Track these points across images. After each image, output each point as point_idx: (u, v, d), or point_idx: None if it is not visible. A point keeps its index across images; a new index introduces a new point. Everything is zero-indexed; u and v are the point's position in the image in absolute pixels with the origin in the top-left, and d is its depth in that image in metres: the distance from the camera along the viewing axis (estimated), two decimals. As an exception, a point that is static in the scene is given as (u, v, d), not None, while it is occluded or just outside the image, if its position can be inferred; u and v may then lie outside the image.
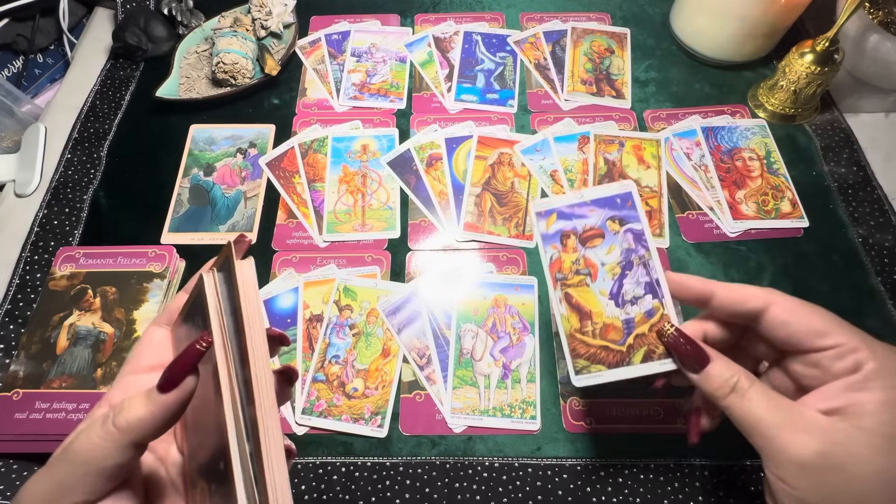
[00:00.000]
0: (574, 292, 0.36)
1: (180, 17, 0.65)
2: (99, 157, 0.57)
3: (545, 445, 0.42)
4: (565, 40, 0.64)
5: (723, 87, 0.61)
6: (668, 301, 0.34)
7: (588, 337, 0.35)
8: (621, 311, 0.35)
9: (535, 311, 0.47)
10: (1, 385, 0.43)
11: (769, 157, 0.55)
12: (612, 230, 0.36)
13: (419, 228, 0.52)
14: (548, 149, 0.56)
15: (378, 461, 0.42)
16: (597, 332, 0.35)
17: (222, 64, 0.58)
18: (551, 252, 0.36)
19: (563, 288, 0.36)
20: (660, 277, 0.35)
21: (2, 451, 0.41)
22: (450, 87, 0.61)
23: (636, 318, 0.34)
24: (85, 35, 0.69)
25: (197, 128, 0.59)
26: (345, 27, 0.66)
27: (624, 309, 0.35)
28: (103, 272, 0.47)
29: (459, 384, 0.44)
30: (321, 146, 0.57)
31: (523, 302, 0.48)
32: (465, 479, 0.41)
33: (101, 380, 0.43)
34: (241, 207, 0.53)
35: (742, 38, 0.58)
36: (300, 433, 0.43)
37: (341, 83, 0.62)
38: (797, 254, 0.50)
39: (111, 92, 0.62)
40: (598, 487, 0.40)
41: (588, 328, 0.35)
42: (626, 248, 0.36)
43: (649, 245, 0.35)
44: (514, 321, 0.47)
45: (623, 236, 0.36)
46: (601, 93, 0.60)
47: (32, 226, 0.52)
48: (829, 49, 0.52)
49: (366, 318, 0.47)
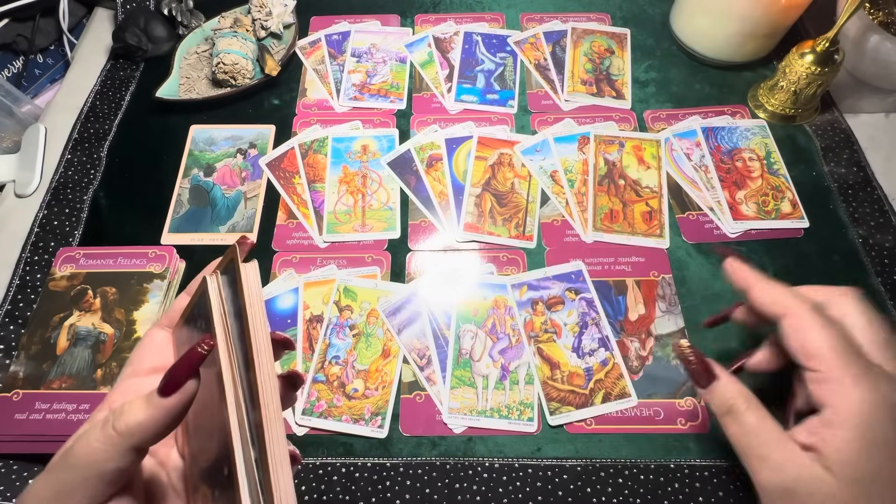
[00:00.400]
0: (545, 347, 0.45)
1: (180, 18, 0.65)
2: (99, 158, 0.57)
3: (545, 446, 0.42)
4: (565, 41, 0.64)
5: (723, 88, 0.61)
6: (618, 353, 0.45)
7: (558, 383, 0.44)
8: (582, 362, 0.45)
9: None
10: (1, 386, 0.43)
11: (769, 158, 0.55)
12: (570, 298, 0.47)
13: (419, 229, 0.52)
14: (548, 149, 0.56)
15: (378, 462, 0.42)
16: (564, 379, 0.44)
17: (222, 64, 0.58)
18: (525, 315, 0.47)
19: (535, 343, 0.46)
20: (609, 335, 0.45)
21: (2, 452, 0.41)
22: (450, 88, 0.61)
23: (594, 367, 0.44)
24: (85, 35, 0.69)
25: (197, 128, 0.59)
26: (345, 27, 0.66)
27: (584, 360, 0.45)
28: (103, 273, 0.47)
29: (457, 384, 0.44)
30: (321, 146, 0.57)
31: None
32: (466, 479, 0.41)
33: (101, 380, 0.43)
34: (241, 208, 0.53)
35: (742, 39, 0.58)
36: (300, 434, 0.43)
37: (341, 83, 0.62)
38: (797, 254, 0.50)
39: (111, 92, 0.62)
40: (598, 488, 0.40)
41: (557, 376, 0.44)
42: (582, 312, 0.47)
43: (599, 310, 0.47)
44: (514, 322, 0.47)
45: (578, 303, 0.47)
46: (601, 93, 0.60)
47: (32, 226, 0.52)
48: (830, 49, 0.52)
49: (366, 318, 0.47)
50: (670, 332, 0.46)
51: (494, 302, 0.47)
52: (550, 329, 0.46)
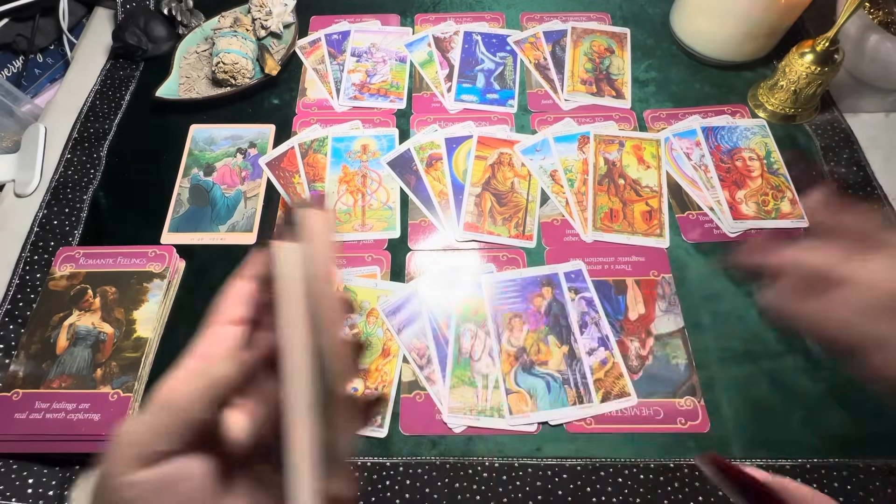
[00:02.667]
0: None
1: (180, 17, 0.65)
2: (99, 157, 0.57)
3: (545, 445, 0.42)
4: (565, 40, 0.64)
5: (723, 87, 0.61)
6: (617, 352, 0.45)
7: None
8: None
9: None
10: (1, 385, 0.43)
11: (769, 157, 0.55)
12: (570, 297, 0.47)
13: (419, 228, 0.52)
14: (548, 149, 0.56)
15: (378, 461, 0.42)
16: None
17: (222, 64, 0.58)
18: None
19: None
20: (609, 334, 0.45)
21: (2, 452, 0.41)
22: (450, 87, 0.61)
23: (594, 366, 0.44)
24: (85, 35, 0.69)
25: (197, 128, 0.59)
26: (345, 27, 0.66)
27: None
28: (103, 272, 0.47)
29: (457, 383, 0.44)
30: (321, 146, 0.57)
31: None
32: (465, 479, 0.41)
33: (101, 380, 0.43)
34: (241, 207, 0.53)
35: (742, 38, 0.58)
36: (300, 433, 0.43)
37: (341, 83, 0.62)
38: (797, 254, 0.50)
39: (111, 92, 0.62)
40: (598, 487, 0.40)
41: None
42: (582, 312, 0.46)
43: (598, 309, 0.46)
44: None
45: (578, 302, 0.47)
46: (601, 93, 0.60)
47: (32, 226, 0.52)
48: (829, 49, 0.52)
49: (366, 318, 0.47)
50: (670, 331, 0.46)
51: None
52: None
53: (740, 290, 0.48)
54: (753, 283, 0.48)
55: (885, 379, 0.27)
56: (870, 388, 0.28)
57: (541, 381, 0.44)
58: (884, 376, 0.27)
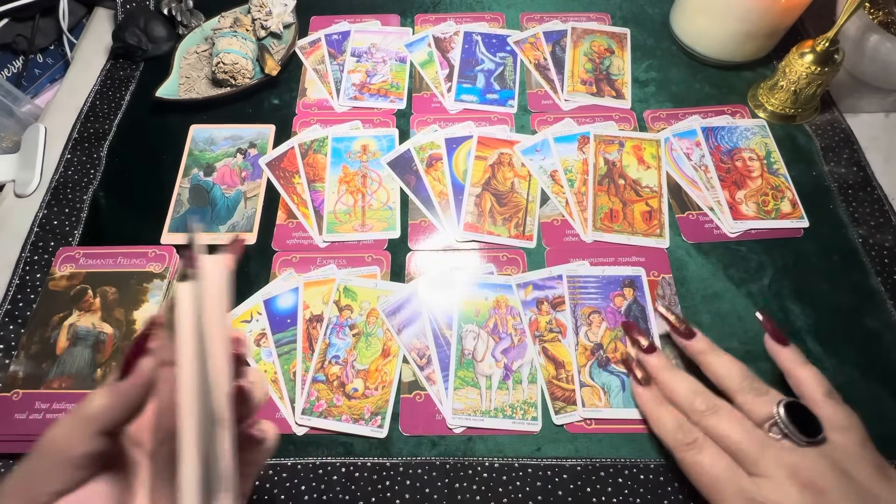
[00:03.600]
0: (550, 346, 0.45)
1: (180, 18, 0.65)
2: (99, 157, 0.57)
3: (545, 445, 0.42)
4: (565, 40, 0.64)
5: (723, 87, 0.61)
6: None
7: (563, 382, 0.44)
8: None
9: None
10: (1, 385, 0.43)
11: (769, 158, 0.55)
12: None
13: (419, 228, 0.52)
14: (548, 149, 0.56)
15: (378, 461, 0.42)
16: (570, 379, 0.44)
17: (222, 64, 0.58)
18: (530, 315, 0.47)
19: (540, 343, 0.45)
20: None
21: (2, 452, 0.41)
22: (450, 88, 0.61)
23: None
24: (85, 35, 0.69)
25: (197, 128, 0.59)
26: (345, 27, 0.66)
27: None
28: (103, 272, 0.47)
29: (461, 385, 0.44)
30: (321, 146, 0.57)
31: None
32: (465, 479, 0.41)
33: (101, 380, 0.43)
34: (241, 207, 0.53)
35: (742, 38, 0.58)
36: (300, 433, 0.43)
37: (341, 83, 0.62)
38: (797, 254, 0.50)
39: (111, 92, 0.62)
40: (598, 487, 0.40)
41: (563, 375, 0.44)
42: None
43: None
44: (516, 322, 0.47)
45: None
46: (601, 93, 0.60)
47: (32, 226, 0.52)
48: (829, 49, 0.52)
49: (366, 318, 0.47)
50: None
51: (496, 302, 0.47)
52: (556, 329, 0.46)
53: (740, 290, 0.48)
54: (753, 284, 0.48)
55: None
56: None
57: (616, 380, 0.44)
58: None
